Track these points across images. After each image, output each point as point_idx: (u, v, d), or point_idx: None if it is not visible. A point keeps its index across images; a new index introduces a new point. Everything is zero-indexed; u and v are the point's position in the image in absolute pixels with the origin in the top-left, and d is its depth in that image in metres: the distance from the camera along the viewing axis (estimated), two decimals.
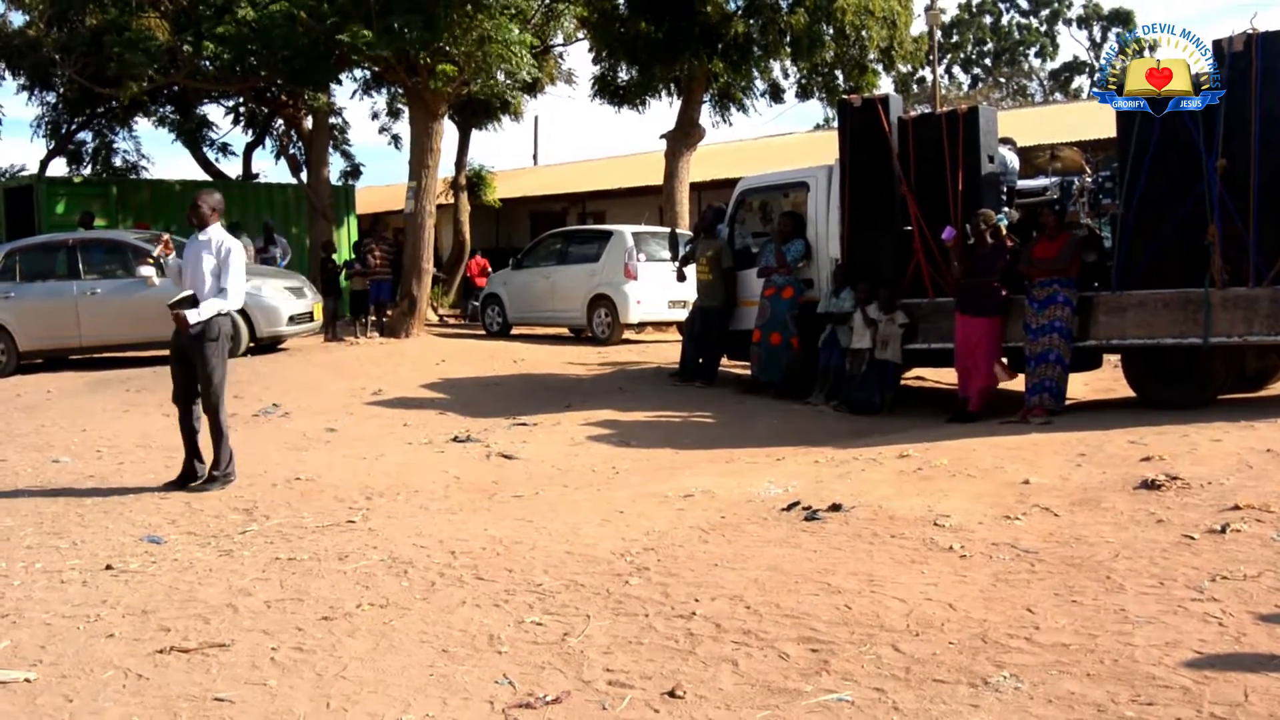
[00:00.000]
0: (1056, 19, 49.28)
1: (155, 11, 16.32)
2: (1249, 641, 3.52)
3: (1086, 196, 9.58)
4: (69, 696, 3.69)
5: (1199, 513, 5.11)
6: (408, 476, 7.57)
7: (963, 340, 9.35)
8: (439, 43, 13.91)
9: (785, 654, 3.69)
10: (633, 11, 18.47)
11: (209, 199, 7.25)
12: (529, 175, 32.16)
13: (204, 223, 7.17)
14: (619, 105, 20.35)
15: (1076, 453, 6.78)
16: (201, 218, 7.16)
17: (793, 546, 5.03)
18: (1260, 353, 8.92)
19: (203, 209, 7.17)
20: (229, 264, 7.07)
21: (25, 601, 4.78)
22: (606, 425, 9.44)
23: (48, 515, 6.51)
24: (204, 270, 7.06)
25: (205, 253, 7.10)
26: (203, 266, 7.06)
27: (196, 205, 7.21)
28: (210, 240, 7.13)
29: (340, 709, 3.49)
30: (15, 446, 9.05)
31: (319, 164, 20.14)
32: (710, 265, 11.75)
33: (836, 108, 12.30)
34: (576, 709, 3.39)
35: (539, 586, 4.63)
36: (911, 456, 7.14)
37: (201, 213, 7.16)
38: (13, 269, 13.76)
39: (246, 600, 4.64)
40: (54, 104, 22.16)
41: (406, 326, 15.99)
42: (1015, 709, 3.16)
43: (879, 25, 17.90)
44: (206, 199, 7.23)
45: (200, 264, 7.08)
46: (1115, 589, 4.11)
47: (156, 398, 11.13)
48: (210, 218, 7.17)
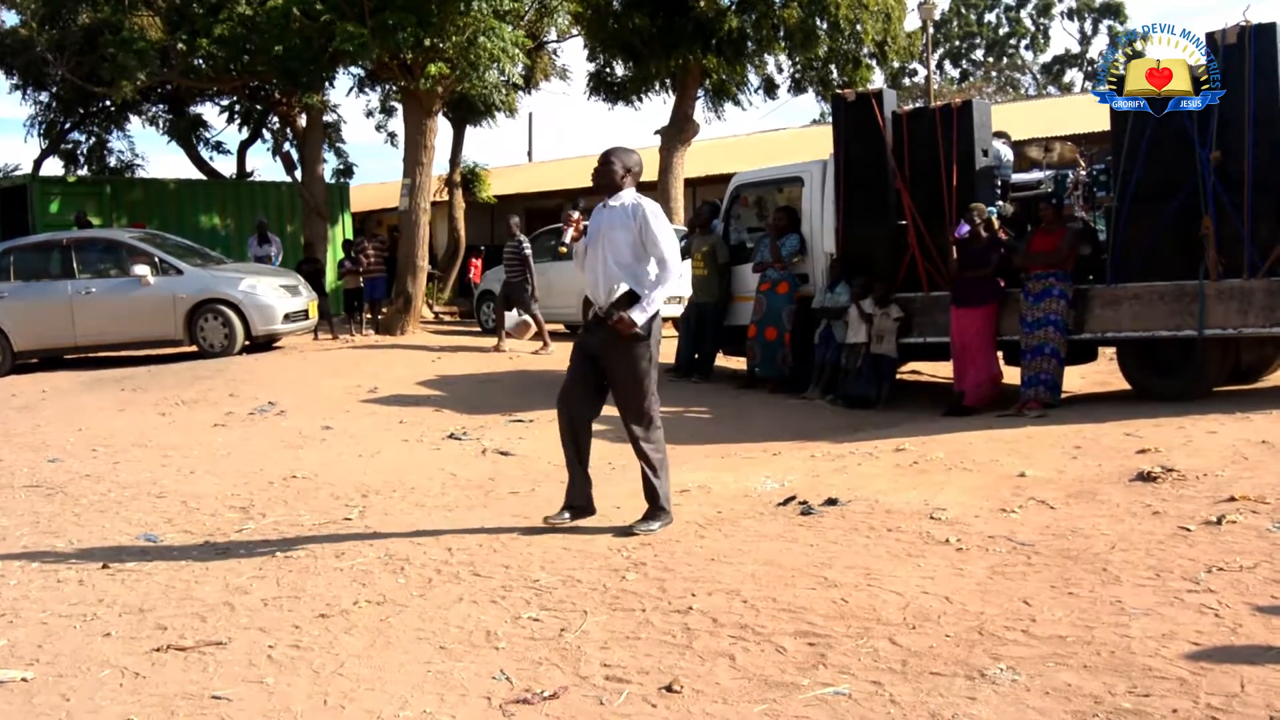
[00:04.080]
0: (1047, 10, 49.25)
1: (148, 10, 16.28)
2: (1245, 633, 3.53)
3: (1081, 190, 9.60)
4: (66, 695, 3.68)
5: (1195, 504, 5.12)
6: (404, 474, 7.56)
7: (958, 333, 9.37)
8: (432, 41, 13.89)
9: (782, 648, 3.70)
10: (626, 7, 18.45)
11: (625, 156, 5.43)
12: (524, 172, 32.12)
13: (616, 186, 5.40)
14: (613, 101, 20.35)
15: (1072, 445, 6.78)
16: (612, 178, 5.39)
17: (789, 541, 5.03)
18: (1255, 345, 8.93)
19: (615, 167, 5.39)
20: (653, 231, 5.23)
21: (22, 601, 4.78)
22: (602, 421, 9.34)
23: (44, 514, 6.51)
24: (621, 245, 5.30)
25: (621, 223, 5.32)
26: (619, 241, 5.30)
27: (608, 163, 5.40)
28: (623, 206, 5.35)
29: (338, 706, 3.48)
30: (11, 446, 9.04)
31: (313, 162, 20.13)
32: (705, 261, 11.74)
33: (830, 102, 12.29)
34: (574, 704, 3.39)
35: (536, 582, 4.63)
36: (907, 450, 7.14)
37: (613, 171, 5.39)
38: (7, 269, 13.75)
39: (243, 598, 4.64)
40: (47, 103, 22.11)
41: (402, 324, 15.98)
42: (1012, 701, 3.16)
43: (873, 19, 17.91)
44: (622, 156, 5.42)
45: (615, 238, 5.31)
46: (1111, 581, 4.12)
47: (152, 396, 11.13)
48: (624, 180, 5.39)
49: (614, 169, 5.37)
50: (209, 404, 10.70)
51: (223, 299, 13.51)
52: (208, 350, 13.40)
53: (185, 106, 22.18)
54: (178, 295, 13.40)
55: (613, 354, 5.39)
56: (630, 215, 5.27)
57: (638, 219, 5.25)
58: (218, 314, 13.46)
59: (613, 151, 5.44)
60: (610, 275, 5.30)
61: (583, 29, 19.75)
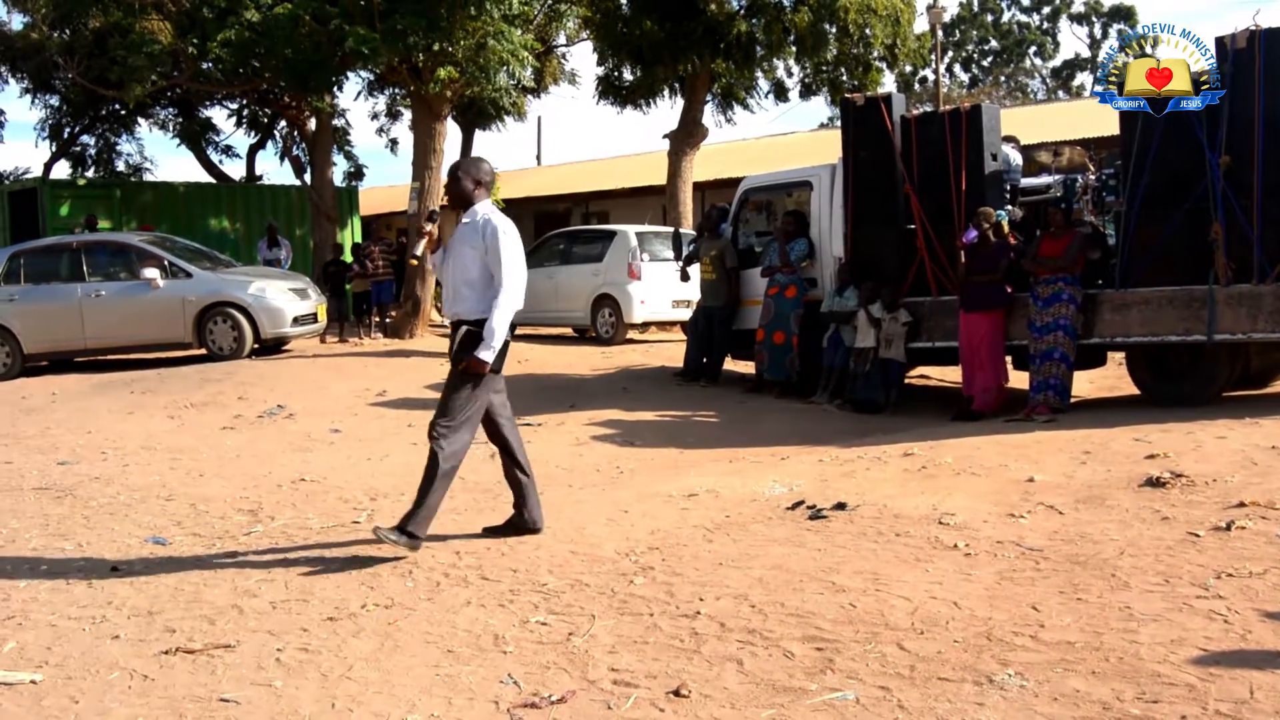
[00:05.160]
0: (1058, 16, 49.22)
1: (158, 14, 16.35)
2: (1255, 639, 3.52)
3: (1090, 194, 9.58)
4: (75, 698, 3.70)
5: (1204, 510, 5.10)
6: (412, 477, 7.52)
7: (966, 338, 9.35)
8: (441, 45, 13.92)
9: (790, 653, 3.69)
10: (635, 11, 18.47)
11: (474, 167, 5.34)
12: (532, 175, 32.19)
13: (468, 200, 5.28)
14: (622, 105, 20.35)
15: (1081, 450, 6.77)
16: (462, 192, 5.28)
17: (797, 545, 5.02)
18: (1264, 350, 8.90)
19: (464, 181, 5.27)
20: (498, 250, 5.09)
21: (31, 603, 4.79)
22: (611, 425, 9.44)
23: (53, 517, 6.53)
24: (469, 263, 5.18)
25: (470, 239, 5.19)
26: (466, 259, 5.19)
27: (456, 177, 5.29)
28: (474, 222, 5.21)
29: (345, 709, 3.49)
30: (21, 449, 9.07)
31: (322, 166, 20.18)
32: (714, 265, 11.75)
33: (839, 106, 12.29)
34: (581, 708, 3.39)
35: (544, 586, 4.63)
36: (916, 455, 7.13)
37: (462, 185, 5.27)
38: (17, 272, 13.81)
39: (251, 601, 4.65)
40: (57, 107, 22.24)
41: (410, 327, 16.00)
42: (1020, 707, 3.15)
43: (882, 23, 17.88)
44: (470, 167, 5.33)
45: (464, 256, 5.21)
46: (1120, 586, 4.11)
47: (161, 399, 11.16)
48: (476, 192, 5.28)
49: (463, 183, 5.26)
50: (218, 407, 10.73)
51: (232, 302, 13.55)
52: (217, 353, 13.44)
53: (195, 110, 22.28)
54: (187, 298, 13.45)
55: (454, 363, 5.34)
56: (480, 233, 5.14)
57: (486, 237, 5.11)
58: (227, 317, 13.50)
59: (459, 164, 5.36)
60: (459, 296, 5.23)
61: (592, 33, 19.78)
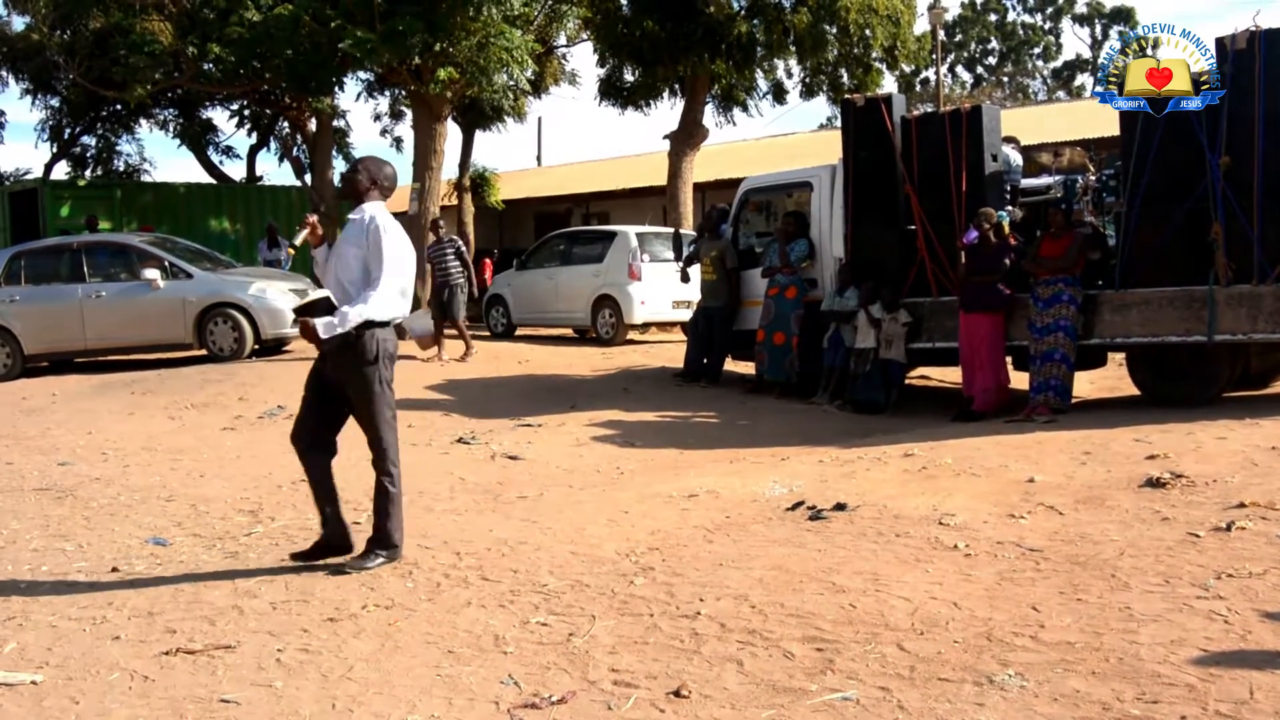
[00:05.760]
0: (1060, 16, 49.23)
1: (159, 15, 16.36)
2: (1255, 639, 3.52)
3: (1090, 195, 9.58)
4: (75, 698, 3.70)
5: (1204, 510, 5.10)
6: (412, 478, 7.53)
7: (967, 339, 9.35)
8: (441, 46, 13.93)
9: (790, 653, 3.69)
10: (636, 12, 18.49)
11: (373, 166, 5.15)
12: (533, 176, 32.20)
13: (358, 196, 5.11)
14: (623, 106, 20.36)
15: (1081, 451, 6.77)
16: (355, 187, 5.11)
17: (797, 546, 5.03)
18: (1264, 350, 8.90)
19: (359, 176, 5.10)
20: (381, 249, 4.90)
21: (32, 604, 4.79)
22: (611, 426, 9.44)
23: (54, 518, 6.52)
24: (351, 262, 5.02)
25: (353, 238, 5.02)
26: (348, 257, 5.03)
27: (354, 171, 5.14)
28: (360, 220, 5.03)
29: (346, 710, 3.49)
30: (21, 449, 9.07)
31: (323, 166, 20.19)
32: (714, 265, 11.75)
33: (840, 107, 12.29)
34: (582, 709, 3.39)
35: (544, 587, 4.63)
36: (916, 455, 7.13)
37: (357, 180, 5.10)
38: (18, 272, 13.80)
39: (252, 602, 4.65)
40: (57, 107, 22.25)
41: None
42: (1020, 707, 3.15)
43: (882, 23, 17.89)
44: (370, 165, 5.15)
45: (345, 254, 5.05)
46: (1120, 587, 4.11)
47: (161, 400, 11.16)
48: (370, 192, 5.09)
49: (358, 178, 5.07)
50: (218, 408, 10.73)
51: (232, 303, 13.53)
52: (217, 354, 13.43)
53: (196, 111, 22.29)
54: (187, 299, 13.43)
55: (344, 379, 5.07)
56: (364, 232, 4.93)
57: (369, 235, 4.90)
58: (227, 318, 13.48)
59: (363, 160, 5.19)
60: (340, 295, 5.00)
61: (592, 34, 19.79)
